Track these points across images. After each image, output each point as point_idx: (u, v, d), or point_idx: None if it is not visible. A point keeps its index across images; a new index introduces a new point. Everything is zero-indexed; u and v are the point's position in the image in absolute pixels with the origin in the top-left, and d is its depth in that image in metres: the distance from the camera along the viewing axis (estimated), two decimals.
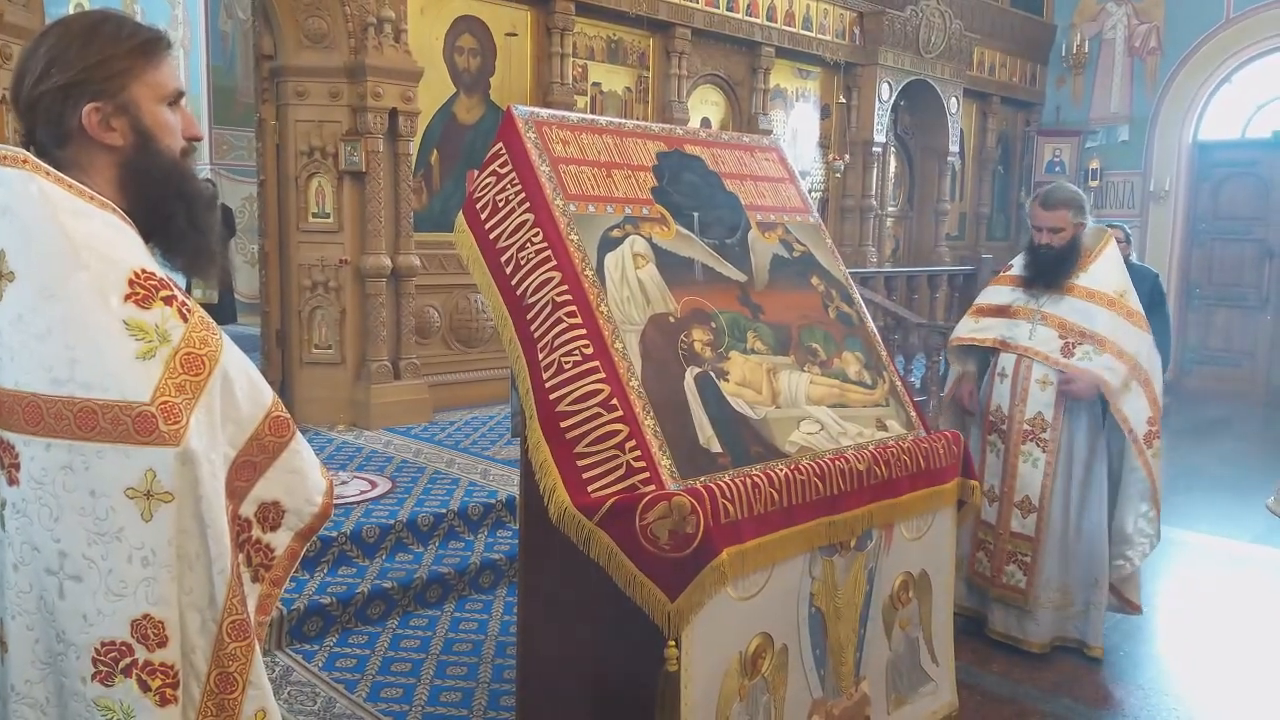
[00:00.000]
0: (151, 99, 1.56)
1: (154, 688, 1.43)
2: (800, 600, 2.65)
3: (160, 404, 1.40)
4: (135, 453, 1.39)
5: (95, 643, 1.43)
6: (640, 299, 2.68)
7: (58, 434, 1.39)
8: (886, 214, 11.08)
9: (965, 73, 11.24)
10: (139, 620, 1.42)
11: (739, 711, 2.49)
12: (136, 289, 1.44)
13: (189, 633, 1.47)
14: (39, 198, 1.44)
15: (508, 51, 7.34)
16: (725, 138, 3.49)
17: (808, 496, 2.58)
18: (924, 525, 3.03)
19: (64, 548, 1.41)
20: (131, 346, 1.41)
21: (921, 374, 7.89)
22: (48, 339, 1.40)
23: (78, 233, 1.43)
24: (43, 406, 1.39)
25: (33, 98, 1.52)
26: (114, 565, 1.41)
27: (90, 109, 1.51)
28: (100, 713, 1.44)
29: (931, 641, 3.12)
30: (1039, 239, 4.01)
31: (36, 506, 1.42)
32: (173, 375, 1.42)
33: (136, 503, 1.41)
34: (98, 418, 1.39)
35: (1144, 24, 12.09)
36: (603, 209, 2.79)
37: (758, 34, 9.10)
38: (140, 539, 1.41)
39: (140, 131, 1.55)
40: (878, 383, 3.12)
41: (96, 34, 1.53)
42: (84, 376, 1.39)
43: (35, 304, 1.41)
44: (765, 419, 2.71)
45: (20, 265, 1.43)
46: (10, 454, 1.43)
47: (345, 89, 6.32)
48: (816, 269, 3.26)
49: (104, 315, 1.41)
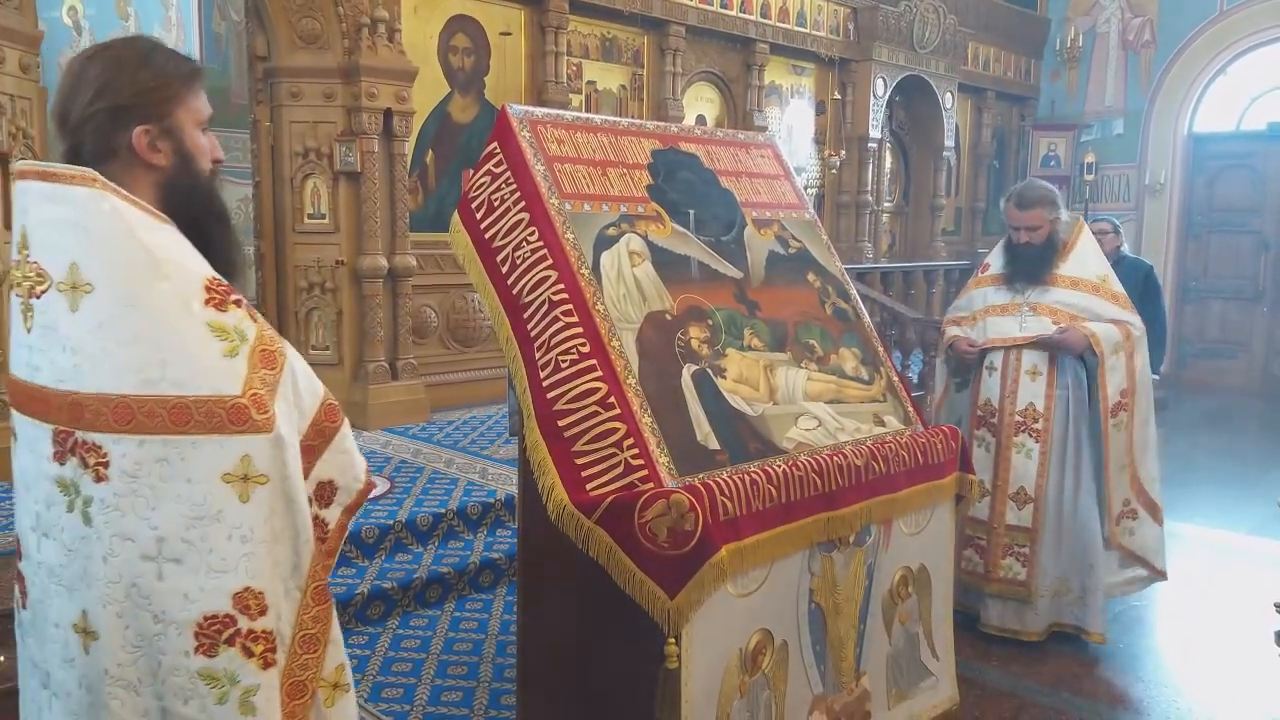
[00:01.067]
0: (191, 124, 1.71)
1: (257, 653, 1.56)
2: (800, 596, 2.65)
3: (250, 395, 1.55)
4: (230, 441, 1.53)
5: (198, 618, 1.54)
6: (637, 297, 2.68)
7: (151, 430, 1.51)
8: (882, 209, 11.08)
9: (960, 68, 11.24)
10: (240, 593, 1.55)
11: (740, 708, 2.50)
12: (212, 294, 1.59)
13: (278, 601, 1.60)
14: (112, 214, 1.55)
15: (502, 50, 7.34)
16: (720, 135, 3.49)
17: (806, 493, 2.58)
18: (922, 520, 3.03)
19: (162, 534, 1.52)
20: (217, 346, 1.55)
21: (919, 369, 7.90)
22: (134, 344, 1.52)
23: (155, 245, 1.56)
24: (133, 406, 1.51)
25: (84, 117, 1.63)
26: (214, 545, 1.53)
27: (140, 131, 1.64)
28: (204, 682, 1.54)
29: (931, 636, 3.12)
30: (1019, 238, 4.08)
31: (130, 499, 1.52)
32: (255, 370, 1.57)
33: (234, 486, 1.54)
34: (191, 413, 1.52)
35: (1138, 17, 12.10)
36: (598, 207, 2.79)
37: (752, 31, 9.10)
38: (239, 519, 1.55)
39: (182, 154, 1.69)
40: (875, 378, 3.13)
41: (149, 62, 1.67)
42: (175, 376, 1.52)
43: (118, 312, 1.53)
44: (763, 416, 2.71)
45: (97, 277, 1.54)
46: (97, 453, 1.52)
47: (339, 89, 6.32)
48: (813, 265, 3.26)
49: (188, 320, 1.55)
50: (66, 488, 1.56)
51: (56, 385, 1.55)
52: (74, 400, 1.53)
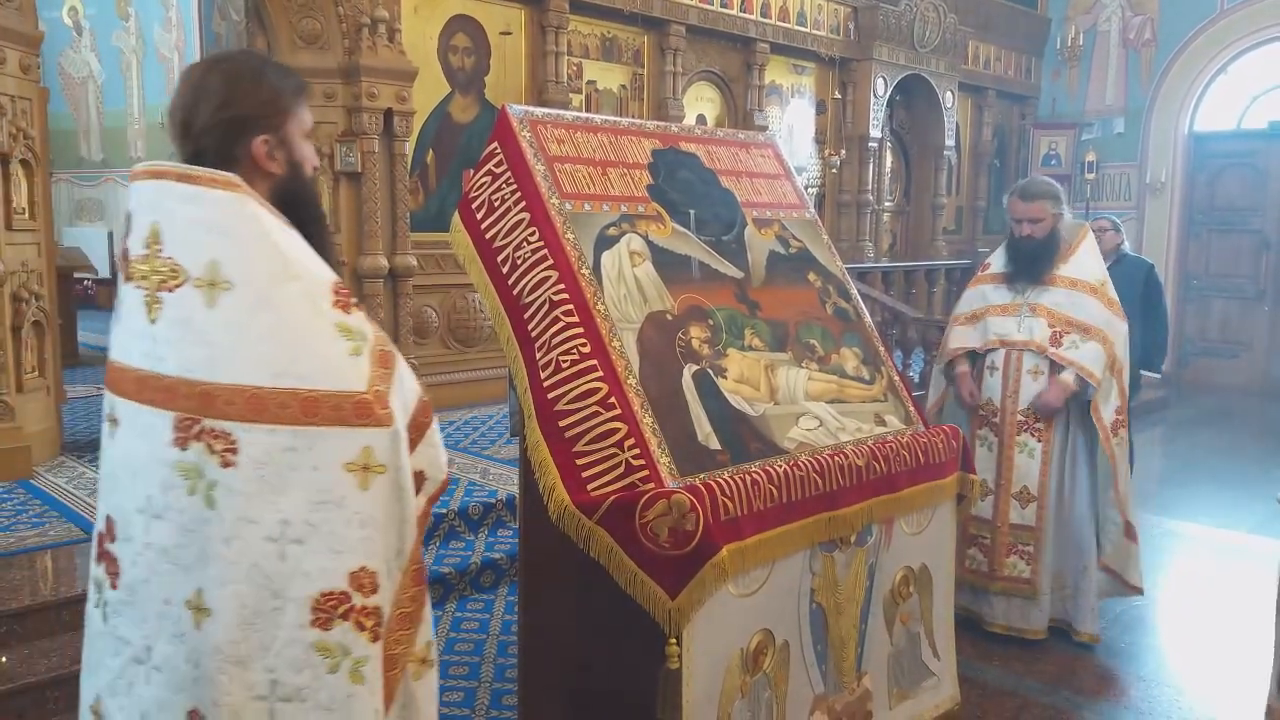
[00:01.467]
0: (299, 134, 1.86)
1: (368, 627, 1.67)
2: (801, 596, 2.65)
3: (374, 392, 1.67)
4: (354, 434, 1.64)
5: (316, 595, 1.63)
6: (637, 297, 2.67)
7: (281, 420, 1.61)
8: (883, 209, 11.08)
9: (960, 67, 11.24)
10: (356, 572, 1.65)
11: (741, 708, 2.50)
12: (338, 296, 1.70)
13: (384, 580, 1.71)
14: (252, 218, 1.67)
15: (502, 50, 7.34)
16: (720, 134, 3.49)
17: (807, 492, 2.58)
18: (924, 520, 3.03)
19: (287, 517, 1.62)
20: (344, 345, 1.67)
21: (920, 368, 7.90)
22: (269, 340, 1.63)
23: (288, 248, 1.68)
24: (266, 398, 1.60)
25: (208, 126, 1.75)
26: (335, 528, 1.64)
27: (260, 141, 1.77)
28: (319, 654, 1.64)
29: (933, 636, 3.12)
30: (1020, 230, 4.08)
31: (257, 484, 1.61)
32: (375, 368, 1.69)
33: (355, 475, 1.65)
34: (319, 406, 1.62)
35: (1138, 16, 12.09)
36: (599, 207, 2.79)
37: (752, 30, 9.10)
38: (359, 505, 1.66)
39: (292, 162, 1.84)
40: (876, 378, 3.13)
41: (265, 77, 1.81)
42: (304, 371, 1.63)
43: (253, 310, 1.63)
44: (764, 415, 2.71)
45: (236, 275, 1.64)
46: (225, 440, 1.61)
47: (340, 90, 6.31)
48: (813, 265, 3.26)
49: (318, 320, 1.66)
50: (188, 472, 1.63)
51: (185, 375, 1.63)
52: (204, 390, 1.62)
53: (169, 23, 12.22)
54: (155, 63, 12.56)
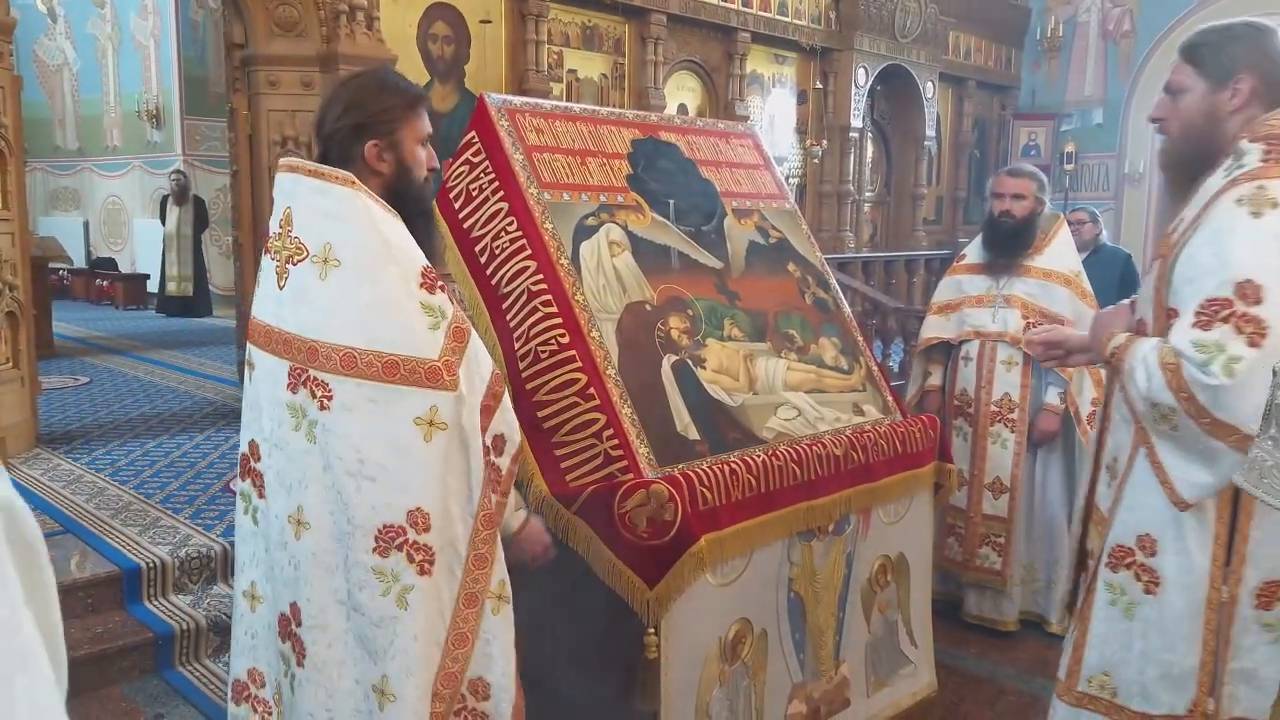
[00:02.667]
0: (412, 140, 2.14)
1: (417, 560, 1.93)
2: (779, 585, 2.66)
3: (444, 361, 1.94)
4: (424, 394, 1.92)
5: (379, 525, 1.92)
6: (616, 287, 2.67)
7: (368, 377, 1.91)
8: (864, 199, 11.11)
9: (941, 57, 11.26)
10: (413, 511, 1.92)
11: (719, 697, 2.51)
12: (425, 279, 1.98)
13: (454, 526, 1.96)
14: (363, 210, 1.98)
15: (482, 39, 7.30)
16: (700, 124, 3.48)
17: (785, 482, 2.59)
18: (901, 509, 3.04)
19: (363, 457, 1.92)
20: (425, 320, 1.95)
21: (900, 358, 7.93)
22: (365, 310, 1.93)
23: (390, 235, 1.98)
24: (357, 357, 1.92)
25: (333, 130, 2.08)
26: (400, 471, 1.92)
27: (371, 144, 2.07)
28: (375, 576, 1.92)
29: (910, 624, 3.14)
30: (1000, 206, 4.02)
31: (345, 427, 1.93)
32: (449, 341, 1.96)
33: (421, 429, 1.92)
34: (399, 368, 1.92)
35: (1117, 7, 12.15)
36: (577, 197, 2.78)
37: (733, 19, 9.08)
38: (424, 455, 1.92)
39: (402, 164, 2.12)
40: (854, 368, 3.13)
41: (384, 90, 2.12)
42: (391, 338, 1.92)
43: (357, 285, 1.94)
44: (743, 406, 2.72)
45: (345, 256, 1.95)
46: (324, 389, 1.94)
47: (318, 78, 6.26)
48: (793, 255, 3.26)
49: (407, 298, 1.95)
50: (295, 411, 1.97)
51: (300, 332, 1.97)
52: (311, 346, 1.95)
53: (145, 10, 12.09)
54: (131, 50, 12.42)
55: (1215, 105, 2.07)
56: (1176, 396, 1.91)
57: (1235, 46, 2.07)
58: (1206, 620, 2.03)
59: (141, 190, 12.59)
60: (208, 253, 11.66)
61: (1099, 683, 2.20)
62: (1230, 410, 1.86)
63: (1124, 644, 2.15)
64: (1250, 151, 1.98)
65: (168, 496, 4.68)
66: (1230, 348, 1.84)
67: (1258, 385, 1.78)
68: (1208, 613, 2.02)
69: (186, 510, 4.50)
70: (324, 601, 1.97)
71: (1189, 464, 1.97)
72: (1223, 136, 2.05)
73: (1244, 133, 2.01)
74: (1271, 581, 1.99)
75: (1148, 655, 2.10)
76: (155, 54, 12.05)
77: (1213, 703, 2.04)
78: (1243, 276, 1.86)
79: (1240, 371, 1.83)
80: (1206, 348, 1.86)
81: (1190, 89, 2.12)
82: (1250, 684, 2.02)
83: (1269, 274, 1.85)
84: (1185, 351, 1.90)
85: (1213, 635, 2.03)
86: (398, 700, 1.93)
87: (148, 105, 12.09)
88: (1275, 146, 1.97)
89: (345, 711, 1.96)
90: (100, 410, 6.52)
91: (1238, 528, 2.00)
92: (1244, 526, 1.99)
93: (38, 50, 13.63)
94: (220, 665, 3.69)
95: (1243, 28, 2.11)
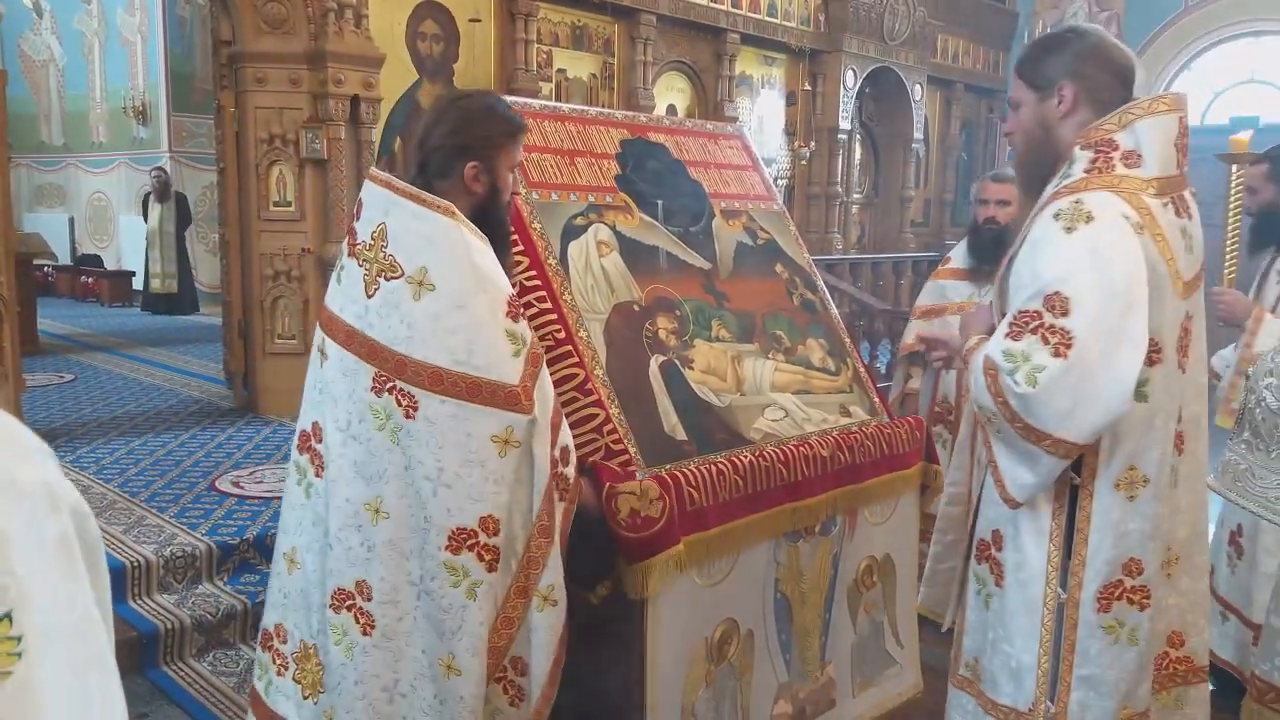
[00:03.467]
0: (505, 166, 2.28)
1: (486, 559, 2.12)
2: (766, 586, 2.67)
3: (522, 386, 2.10)
4: (502, 415, 2.09)
5: (452, 526, 2.10)
6: (604, 287, 2.67)
7: (451, 395, 2.08)
8: (852, 201, 11.13)
9: (929, 60, 11.30)
10: (485, 517, 2.11)
11: (706, 697, 2.51)
12: (510, 308, 2.14)
13: (515, 529, 2.15)
14: (459, 240, 2.13)
15: (471, 37, 7.29)
16: (689, 125, 3.49)
17: (772, 483, 2.59)
18: (888, 510, 3.05)
19: (442, 465, 2.09)
20: (509, 347, 2.11)
21: (887, 360, 7.95)
22: (455, 334, 2.08)
23: (482, 265, 2.13)
24: (444, 376, 2.08)
25: (437, 146, 2.24)
26: (475, 481, 2.10)
27: (471, 165, 2.22)
28: (447, 570, 2.11)
29: (896, 625, 3.15)
30: (984, 213, 3.98)
31: (426, 437, 2.09)
32: (528, 367, 2.12)
33: (497, 446, 2.10)
34: (481, 389, 2.08)
35: (1104, 11, 12.21)
36: (566, 197, 2.78)
37: (723, 20, 9.09)
38: (497, 469, 2.11)
39: (494, 187, 2.26)
40: (841, 369, 3.14)
41: (491, 115, 2.28)
42: (478, 362, 2.08)
43: (449, 310, 2.09)
44: (730, 406, 2.72)
45: (439, 281, 2.10)
46: (410, 399, 2.10)
47: (306, 75, 6.24)
48: (780, 256, 3.26)
49: (495, 325, 2.11)
50: (378, 413, 2.13)
51: (388, 344, 2.12)
52: (400, 359, 2.10)
53: (132, 6, 12.02)
54: (118, 46, 12.35)
55: (1046, 114, 2.14)
56: (995, 401, 2.00)
57: (1054, 56, 2.14)
58: (1043, 619, 2.10)
59: (127, 187, 12.52)
60: (193, 250, 11.60)
61: (971, 668, 2.31)
62: (1037, 417, 1.94)
63: (984, 632, 2.24)
64: (1079, 160, 2.06)
65: (153, 495, 4.66)
66: (1035, 358, 1.92)
67: (1063, 393, 1.90)
68: (1044, 612, 2.10)
69: (172, 509, 4.48)
70: (397, 582, 2.14)
71: (1015, 464, 2.05)
72: (1059, 142, 2.12)
73: (1079, 138, 2.08)
74: (1109, 584, 2.06)
75: (995, 644, 2.19)
76: (142, 50, 12.00)
77: (1053, 707, 2.10)
78: (1051, 289, 1.93)
79: (1043, 380, 1.91)
80: (1014, 357, 1.95)
81: (1024, 102, 2.19)
82: (1096, 690, 2.09)
83: (1078, 287, 1.92)
84: (997, 360, 1.98)
85: (1050, 636, 2.10)
86: (464, 674, 2.13)
87: (134, 101, 12.03)
88: (1102, 153, 2.04)
89: (409, 675, 2.16)
90: (85, 408, 6.49)
91: (1076, 529, 2.07)
92: (1083, 528, 2.07)
93: (23, 45, 13.55)
94: (205, 665, 3.67)
95: (1063, 36, 2.19)
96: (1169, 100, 2.07)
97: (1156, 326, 2.00)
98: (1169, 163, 2.05)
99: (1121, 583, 2.06)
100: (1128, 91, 2.10)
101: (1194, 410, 2.17)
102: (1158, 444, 2.05)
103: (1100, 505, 2.05)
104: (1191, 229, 2.15)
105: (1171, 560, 2.15)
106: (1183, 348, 2.11)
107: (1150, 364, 1.99)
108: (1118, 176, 2.01)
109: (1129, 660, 2.09)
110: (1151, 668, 2.14)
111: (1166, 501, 2.09)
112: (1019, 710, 2.15)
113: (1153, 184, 2.02)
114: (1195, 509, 2.21)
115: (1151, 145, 2.03)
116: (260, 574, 4.12)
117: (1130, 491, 2.04)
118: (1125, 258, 1.94)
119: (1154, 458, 2.05)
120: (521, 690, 2.24)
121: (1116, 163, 2.02)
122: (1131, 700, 2.10)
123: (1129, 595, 2.07)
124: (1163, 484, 2.07)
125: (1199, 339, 2.18)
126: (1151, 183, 2.02)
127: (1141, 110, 2.05)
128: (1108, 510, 2.05)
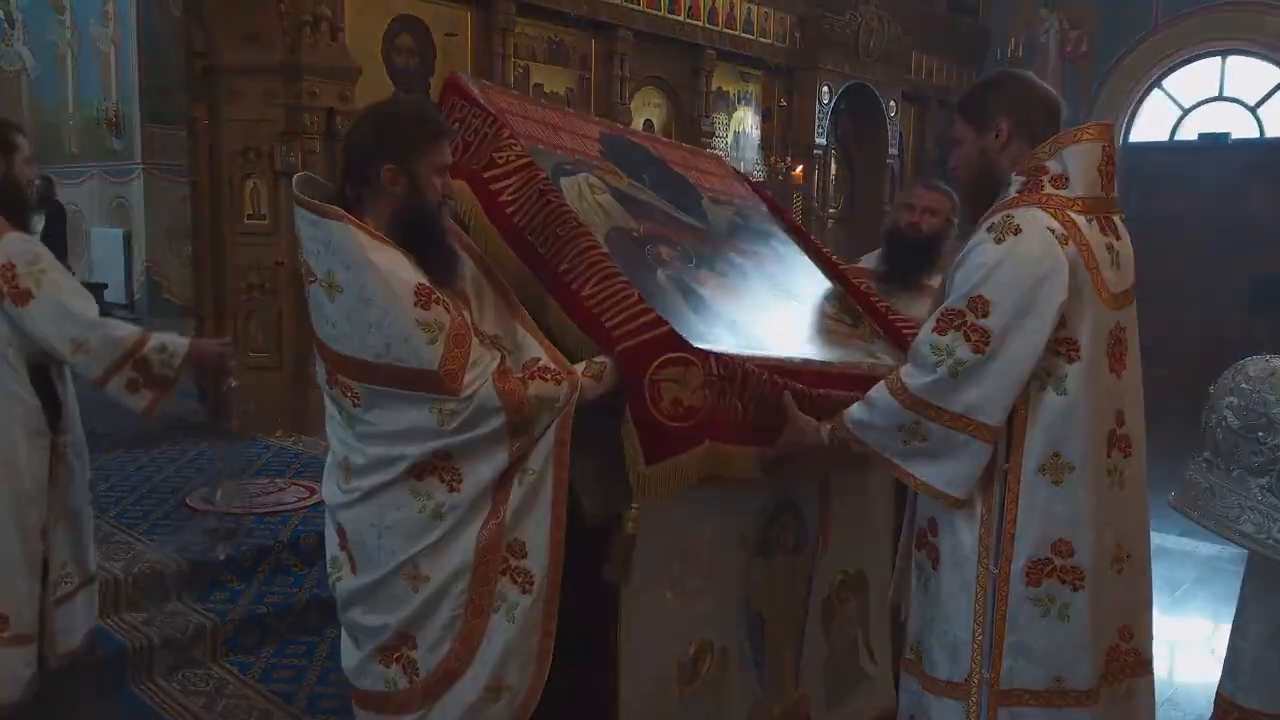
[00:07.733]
0: (428, 169, 2.28)
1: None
2: (739, 604, 2.66)
3: (445, 371, 2.15)
4: (432, 397, 2.17)
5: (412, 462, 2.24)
6: (600, 216, 2.68)
7: (379, 383, 2.20)
8: (828, 216, 11.18)
9: (903, 77, 11.38)
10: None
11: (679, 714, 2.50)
12: (419, 297, 2.16)
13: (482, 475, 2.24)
14: (351, 240, 2.18)
15: (447, 51, 7.27)
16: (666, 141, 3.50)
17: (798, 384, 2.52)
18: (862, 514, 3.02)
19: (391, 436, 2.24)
20: (423, 336, 2.15)
21: None
22: (370, 330, 2.17)
23: (380, 262, 2.17)
24: (371, 369, 2.19)
25: (357, 149, 2.29)
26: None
27: (388, 167, 2.24)
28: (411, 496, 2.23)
29: (869, 641, 3.14)
30: (908, 218, 3.72)
31: (371, 419, 2.24)
32: (450, 349, 2.16)
33: (435, 415, 2.19)
34: (406, 375, 2.17)
35: (1076, 29, 12.35)
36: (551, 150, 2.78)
37: (699, 36, 9.12)
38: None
39: (414, 188, 2.27)
40: (860, 322, 3.11)
41: (409, 117, 2.33)
42: (395, 355, 2.16)
43: (359, 307, 2.17)
44: (750, 323, 2.68)
45: (344, 283, 2.19)
46: (351, 390, 2.25)
47: (280, 88, 6.20)
48: (776, 237, 3.24)
49: (404, 316, 2.15)
50: (335, 401, 2.31)
51: (328, 341, 2.26)
52: (336, 354, 2.25)
53: (106, 16, 11.91)
54: (91, 57, 12.24)
55: (985, 147, 2.35)
56: (913, 407, 2.18)
57: (992, 94, 2.38)
58: (976, 595, 2.22)
59: (100, 199, 12.40)
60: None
61: (914, 650, 2.40)
62: (951, 401, 2.14)
63: (923, 615, 2.36)
64: (1014, 184, 2.27)
65: (122, 512, 4.60)
66: (958, 352, 2.13)
67: (973, 384, 2.13)
68: (977, 589, 2.22)
69: (141, 525, 4.42)
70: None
71: (944, 465, 2.19)
72: (999, 172, 2.32)
73: (1014, 166, 2.29)
74: (1037, 560, 2.19)
75: (932, 624, 2.32)
76: (115, 61, 11.89)
77: (989, 673, 2.21)
78: (976, 292, 2.14)
79: (961, 373, 2.13)
80: (939, 350, 2.15)
81: (965, 138, 2.40)
82: (1026, 656, 2.19)
83: (999, 290, 2.12)
84: (921, 350, 2.18)
85: (983, 610, 2.22)
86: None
87: (108, 113, 11.92)
88: (1033, 177, 2.26)
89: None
90: None
91: (1005, 509, 2.21)
92: (1010, 508, 2.20)
93: None
94: (174, 684, 3.62)
95: (997, 78, 2.45)
96: (1094, 130, 2.30)
97: (1076, 327, 2.17)
98: (1093, 185, 2.26)
99: (1050, 561, 2.18)
100: (1055, 126, 2.32)
101: (1135, 415, 2.31)
102: (1080, 435, 2.18)
103: (1026, 486, 2.18)
104: (1120, 247, 2.32)
105: (1123, 557, 2.27)
106: (1115, 355, 2.25)
107: (1068, 361, 2.17)
108: (1045, 195, 2.22)
109: (1060, 634, 2.19)
110: (1094, 651, 2.23)
111: (1104, 495, 2.22)
112: (955, 682, 2.25)
113: (1078, 202, 2.23)
114: (1142, 512, 2.36)
115: (1077, 169, 2.24)
116: (230, 590, 4.08)
117: (1055, 476, 2.18)
118: (1041, 265, 2.13)
119: (1078, 448, 2.18)
120: (530, 576, 2.25)
121: (1045, 184, 2.23)
122: (1068, 676, 2.20)
123: (1060, 574, 2.18)
124: (1094, 475, 2.20)
125: (1133, 349, 2.32)
126: (1076, 201, 2.23)
127: (1068, 139, 2.27)
128: (1034, 491, 2.18)
